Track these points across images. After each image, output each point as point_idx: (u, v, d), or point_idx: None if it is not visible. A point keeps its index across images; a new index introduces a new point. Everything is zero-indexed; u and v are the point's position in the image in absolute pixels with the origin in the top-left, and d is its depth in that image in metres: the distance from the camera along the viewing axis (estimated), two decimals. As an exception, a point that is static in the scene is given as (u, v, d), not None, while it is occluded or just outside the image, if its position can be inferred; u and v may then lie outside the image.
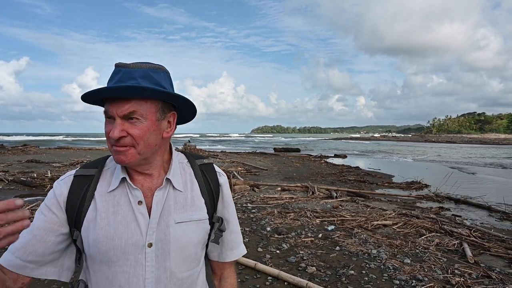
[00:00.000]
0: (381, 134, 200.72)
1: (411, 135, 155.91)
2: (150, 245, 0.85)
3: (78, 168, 0.93)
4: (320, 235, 4.94)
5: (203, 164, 1.00)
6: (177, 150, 1.02)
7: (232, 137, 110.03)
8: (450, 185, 9.36)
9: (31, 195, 7.94)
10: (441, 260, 4.07)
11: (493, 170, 16.39)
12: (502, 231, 5.60)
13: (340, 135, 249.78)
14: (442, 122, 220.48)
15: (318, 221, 5.68)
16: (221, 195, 1.00)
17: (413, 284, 3.41)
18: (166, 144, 0.94)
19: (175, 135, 0.98)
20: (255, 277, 3.54)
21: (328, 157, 23.03)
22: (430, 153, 29.10)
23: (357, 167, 16.25)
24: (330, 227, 5.32)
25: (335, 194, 8.03)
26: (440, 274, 3.65)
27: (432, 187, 9.97)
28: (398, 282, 3.44)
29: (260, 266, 3.69)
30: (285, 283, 3.40)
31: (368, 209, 6.62)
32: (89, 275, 0.89)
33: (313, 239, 4.77)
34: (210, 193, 0.97)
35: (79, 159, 15.97)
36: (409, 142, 64.22)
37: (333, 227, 5.36)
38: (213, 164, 1.03)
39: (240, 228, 1.09)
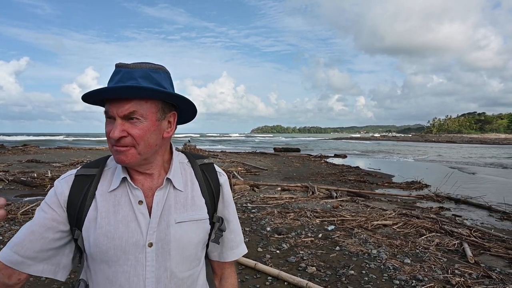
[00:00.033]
0: (381, 134, 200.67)
1: (411, 135, 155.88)
2: (151, 244, 0.85)
3: (79, 168, 0.93)
4: (320, 235, 4.94)
5: (203, 164, 1.01)
6: (177, 150, 1.02)
7: (232, 137, 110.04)
8: (450, 185, 9.36)
9: (31, 195, 7.95)
10: (441, 260, 4.07)
11: (493, 170, 16.38)
12: (503, 231, 5.60)
13: (340, 135, 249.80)
14: (442, 122, 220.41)
15: (318, 221, 5.68)
16: (222, 195, 1.00)
17: (413, 284, 3.41)
18: (167, 144, 0.94)
19: (175, 135, 0.98)
20: (255, 277, 3.54)
21: (328, 157, 23.02)
22: (431, 153, 29.10)
23: (357, 167, 16.25)
24: (330, 227, 5.32)
25: (335, 194, 8.03)
26: (440, 274, 3.65)
27: (432, 187, 9.97)
28: (398, 282, 3.44)
29: (260, 266, 3.69)
30: (285, 283, 3.40)
31: (368, 209, 6.62)
32: (90, 275, 0.89)
33: (313, 239, 4.77)
34: (210, 193, 0.97)
35: (79, 159, 15.98)
36: (409, 142, 64.21)
37: (333, 227, 5.36)
38: (214, 164, 1.03)
39: (241, 228, 1.09)
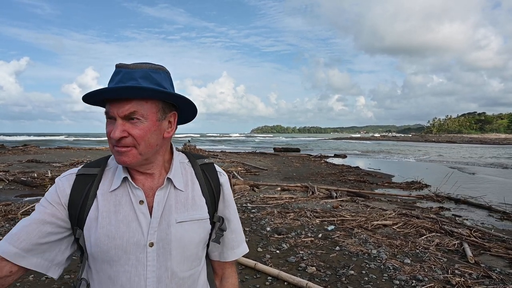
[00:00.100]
0: (381, 134, 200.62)
1: (411, 135, 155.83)
2: (152, 244, 0.86)
3: (80, 167, 0.93)
4: (320, 235, 4.94)
5: (204, 163, 1.01)
6: (178, 150, 1.03)
7: (232, 137, 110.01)
8: (450, 185, 9.36)
9: (32, 195, 7.95)
10: (441, 260, 4.07)
11: (493, 170, 16.38)
12: (503, 231, 5.60)
13: (340, 135, 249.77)
14: (442, 122, 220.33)
15: (318, 221, 5.68)
16: (222, 194, 1.00)
17: (413, 284, 3.41)
18: (167, 144, 0.95)
19: (175, 135, 0.98)
20: (255, 277, 3.54)
21: (328, 157, 23.03)
22: (431, 153, 29.09)
23: (357, 167, 16.25)
24: (330, 227, 5.33)
25: (335, 194, 8.04)
26: (440, 274, 3.65)
27: (432, 187, 9.97)
28: (398, 282, 3.44)
29: (260, 266, 3.69)
30: (285, 283, 3.40)
31: (368, 209, 6.62)
32: (91, 274, 0.89)
33: (313, 239, 4.78)
34: (211, 193, 0.97)
35: (79, 159, 15.99)
36: (409, 142, 64.20)
37: (333, 227, 5.36)
38: (214, 164, 1.03)
39: (243, 227, 1.09)
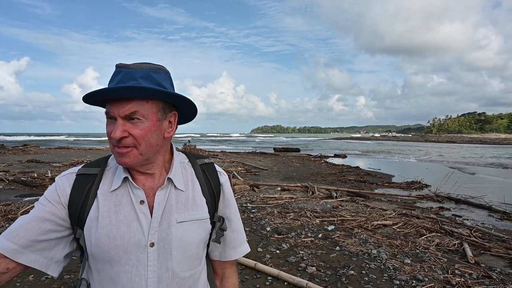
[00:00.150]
0: (381, 134, 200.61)
1: (411, 135, 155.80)
2: (152, 244, 0.86)
3: (80, 167, 0.93)
4: (320, 235, 4.94)
5: (204, 163, 1.01)
6: (178, 150, 1.03)
7: (233, 137, 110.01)
8: (451, 185, 9.36)
9: (32, 195, 7.95)
10: (442, 260, 4.07)
11: (494, 170, 16.37)
12: (503, 231, 5.60)
13: (340, 135, 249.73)
14: (442, 122, 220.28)
15: (318, 221, 5.68)
16: (222, 194, 1.00)
17: (413, 284, 3.41)
18: (167, 144, 0.95)
19: (176, 135, 0.98)
20: (255, 277, 3.54)
21: (328, 157, 23.02)
22: (431, 153, 29.09)
23: (357, 167, 16.25)
24: (330, 227, 5.32)
25: (335, 194, 8.04)
26: (441, 274, 3.65)
27: (432, 187, 9.97)
28: (398, 282, 3.44)
29: (260, 266, 3.69)
30: (285, 283, 3.40)
31: (368, 209, 6.62)
32: (91, 274, 0.89)
33: (313, 239, 4.78)
34: (211, 193, 0.97)
35: (79, 159, 15.99)
36: (409, 142, 64.19)
37: (333, 227, 5.36)
38: (214, 164, 1.03)
39: (244, 226, 1.08)
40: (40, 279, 3.40)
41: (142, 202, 0.88)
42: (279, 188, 8.92)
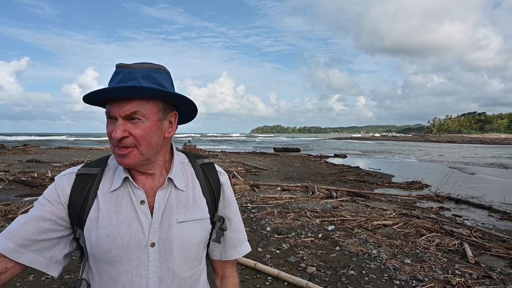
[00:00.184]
0: (381, 134, 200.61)
1: (411, 135, 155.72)
2: (153, 244, 0.86)
3: (80, 167, 0.93)
4: (320, 235, 4.94)
5: (204, 163, 1.01)
6: (178, 150, 1.03)
7: (233, 137, 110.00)
8: (451, 185, 9.36)
9: (32, 195, 7.96)
10: (442, 260, 4.07)
11: (494, 170, 16.36)
12: (503, 231, 5.60)
13: (340, 135, 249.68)
14: (443, 122, 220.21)
15: (318, 221, 5.68)
16: (222, 194, 1.00)
17: (413, 284, 3.41)
18: (168, 144, 0.95)
19: (176, 135, 0.98)
20: (255, 277, 3.54)
21: (328, 157, 23.02)
22: (432, 153, 29.07)
23: (357, 167, 16.24)
24: (330, 227, 5.32)
25: (335, 194, 8.03)
26: (441, 275, 3.65)
27: (433, 187, 9.96)
28: (398, 282, 3.44)
29: (260, 266, 3.69)
30: (285, 283, 3.40)
31: (368, 209, 6.62)
32: (92, 274, 0.89)
33: (313, 239, 4.77)
34: (211, 192, 0.97)
35: (79, 159, 16.00)
36: (409, 142, 64.17)
37: (333, 227, 5.36)
38: (214, 164, 1.03)
39: (244, 227, 1.08)
40: (40, 279, 3.40)
41: (142, 202, 0.87)
42: (279, 188, 8.92)
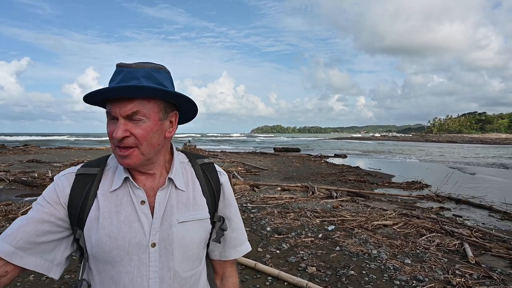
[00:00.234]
0: (381, 134, 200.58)
1: (411, 135, 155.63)
2: (154, 245, 0.85)
3: (79, 167, 0.92)
4: (320, 235, 4.93)
5: (204, 163, 1.01)
6: (177, 150, 1.03)
7: (233, 137, 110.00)
8: (451, 185, 9.35)
9: (32, 194, 7.96)
10: (442, 261, 4.07)
11: (494, 170, 16.35)
12: (504, 232, 5.59)
13: (340, 135, 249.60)
14: (443, 122, 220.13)
15: (318, 221, 5.67)
16: (222, 193, 1.00)
17: (413, 285, 3.41)
18: (168, 144, 0.95)
19: (176, 135, 0.98)
20: (255, 277, 3.54)
21: (328, 157, 23.01)
22: (433, 153, 29.05)
23: (357, 167, 16.24)
24: (330, 227, 5.32)
25: (335, 194, 8.03)
26: (441, 275, 3.65)
27: (433, 187, 9.96)
28: (398, 283, 3.44)
29: (260, 266, 3.69)
30: (285, 283, 3.40)
31: (368, 209, 6.62)
32: (92, 275, 0.89)
33: (313, 239, 4.77)
34: (211, 192, 0.97)
35: (79, 159, 16.00)
36: (410, 142, 64.12)
37: (333, 227, 5.36)
38: (214, 164, 1.03)
39: (244, 226, 1.08)
40: (40, 279, 3.40)
41: (143, 202, 0.87)
42: (279, 188, 8.91)
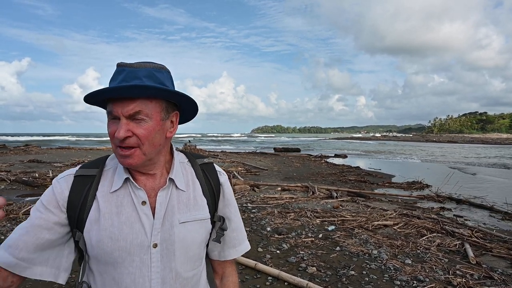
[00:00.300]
0: (382, 134, 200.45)
1: (412, 135, 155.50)
2: (155, 245, 0.85)
3: (77, 168, 0.91)
4: (320, 235, 4.93)
5: (203, 163, 1.01)
6: (177, 150, 1.02)
7: (234, 137, 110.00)
8: (452, 185, 9.34)
9: (33, 194, 7.97)
10: (443, 261, 4.06)
11: (495, 171, 16.32)
12: (504, 232, 5.59)
13: (340, 135, 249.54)
14: (444, 122, 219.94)
15: (318, 221, 5.67)
16: (222, 193, 1.00)
17: (414, 285, 3.41)
18: (168, 144, 0.95)
19: (176, 135, 0.98)
20: (255, 277, 3.54)
21: (328, 157, 23.00)
22: (434, 153, 29.02)
23: (358, 167, 16.22)
24: (331, 227, 5.32)
25: (336, 194, 8.03)
26: (442, 275, 3.64)
27: (433, 187, 9.95)
28: (399, 283, 3.44)
29: (260, 266, 3.69)
30: (285, 283, 3.40)
31: (369, 209, 6.61)
32: (93, 277, 0.88)
33: (313, 239, 4.77)
34: (211, 192, 0.97)
35: (80, 159, 16.01)
36: (410, 142, 64.06)
37: (333, 227, 5.35)
38: (213, 163, 1.03)
39: (244, 226, 1.08)
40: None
41: (144, 202, 0.87)
42: (279, 188, 8.91)
